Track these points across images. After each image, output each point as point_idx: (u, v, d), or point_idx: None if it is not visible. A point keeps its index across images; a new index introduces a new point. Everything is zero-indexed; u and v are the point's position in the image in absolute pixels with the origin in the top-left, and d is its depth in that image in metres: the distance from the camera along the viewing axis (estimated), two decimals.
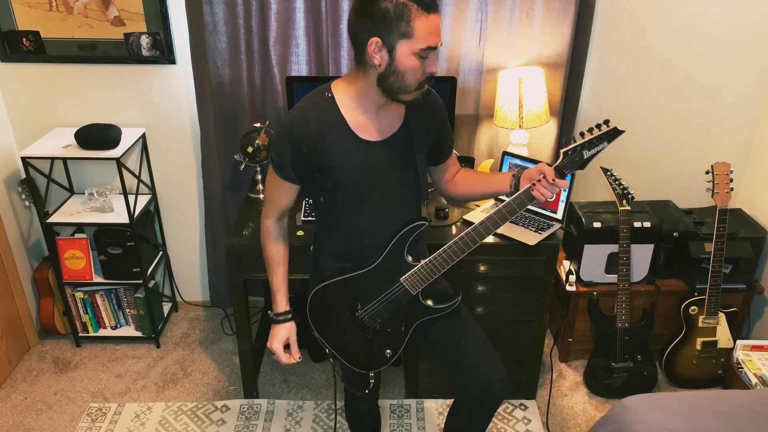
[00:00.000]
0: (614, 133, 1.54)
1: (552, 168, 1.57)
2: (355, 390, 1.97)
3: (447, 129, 1.81)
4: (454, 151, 1.88)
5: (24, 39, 2.60)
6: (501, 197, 2.27)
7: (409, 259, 1.71)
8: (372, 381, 1.94)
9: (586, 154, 1.56)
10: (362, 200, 1.67)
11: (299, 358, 1.79)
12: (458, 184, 1.89)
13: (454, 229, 2.34)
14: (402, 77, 1.51)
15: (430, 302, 1.76)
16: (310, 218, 2.39)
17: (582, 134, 1.56)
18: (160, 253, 3.04)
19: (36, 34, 2.59)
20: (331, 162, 1.61)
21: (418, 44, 1.47)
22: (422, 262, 1.69)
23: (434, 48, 1.50)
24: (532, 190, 1.58)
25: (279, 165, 1.64)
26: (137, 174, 2.82)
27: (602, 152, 1.57)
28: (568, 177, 1.61)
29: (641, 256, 2.62)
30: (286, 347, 1.80)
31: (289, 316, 1.78)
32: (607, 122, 1.55)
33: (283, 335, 1.77)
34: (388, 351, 1.81)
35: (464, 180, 1.88)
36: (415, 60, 1.49)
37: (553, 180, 1.56)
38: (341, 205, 1.68)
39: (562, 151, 1.57)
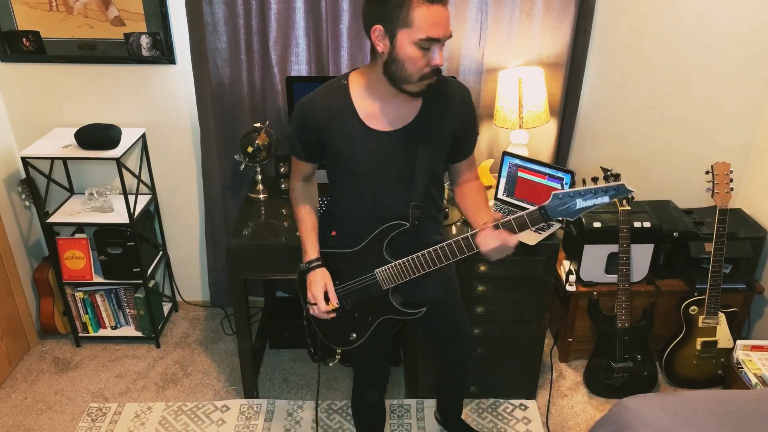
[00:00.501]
0: (618, 191, 1.42)
1: (498, 221, 1.56)
2: (319, 357, 2.00)
3: (468, 131, 1.77)
4: (472, 160, 1.83)
5: (24, 39, 2.60)
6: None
7: (386, 255, 1.74)
8: (338, 357, 1.96)
9: (580, 203, 1.45)
10: (360, 186, 1.71)
11: (337, 303, 1.78)
12: (459, 194, 1.87)
13: (454, 229, 2.34)
14: (402, 67, 1.51)
15: (397, 303, 1.79)
16: None
17: (584, 181, 1.47)
18: (160, 253, 3.04)
19: (36, 34, 2.59)
20: (335, 146, 1.66)
21: (418, 34, 1.46)
22: (397, 261, 1.72)
23: (436, 40, 1.48)
24: (476, 237, 1.59)
25: (291, 145, 1.75)
26: (137, 174, 2.82)
27: (598, 206, 1.45)
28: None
29: (641, 256, 2.62)
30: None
31: (320, 263, 1.79)
32: (617, 176, 1.47)
33: (319, 282, 1.77)
34: (353, 335, 1.86)
35: (464, 195, 1.85)
36: (416, 50, 1.48)
37: (496, 231, 1.55)
38: (343, 186, 1.75)
39: (553, 192, 1.50)
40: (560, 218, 1.46)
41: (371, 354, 1.98)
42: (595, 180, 1.41)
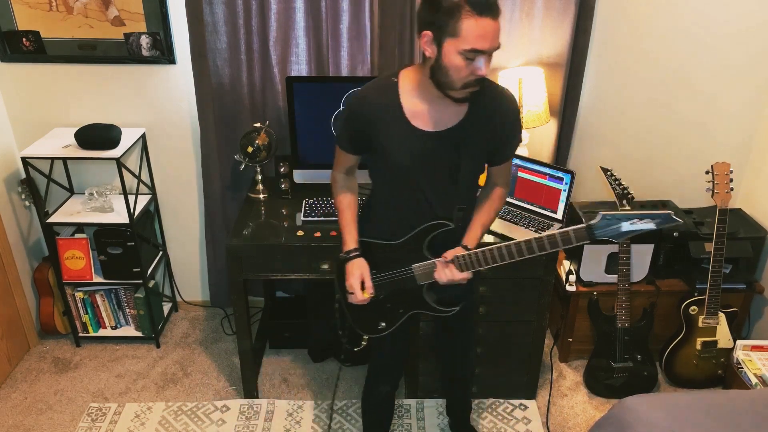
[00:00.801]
0: (665, 220, 1.45)
1: (452, 254, 1.71)
2: (347, 342, 2.04)
3: (510, 138, 1.77)
4: (505, 166, 1.84)
5: (24, 39, 2.60)
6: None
7: (426, 252, 1.79)
8: (364, 343, 2.00)
9: (625, 227, 1.47)
10: (402, 183, 1.75)
11: (373, 292, 1.83)
12: (480, 194, 1.88)
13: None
14: (447, 73, 1.54)
15: (431, 300, 1.85)
16: (309, 218, 2.40)
17: (632, 204, 1.48)
18: (160, 253, 3.04)
19: (36, 34, 2.59)
20: (380, 142, 1.70)
21: (464, 45, 1.48)
22: (435, 260, 1.76)
23: (482, 52, 1.49)
24: (435, 269, 1.74)
25: (338, 136, 1.81)
26: (137, 174, 2.82)
27: (643, 232, 1.46)
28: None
29: (641, 256, 2.62)
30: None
31: (359, 253, 1.83)
32: (666, 203, 1.50)
33: (357, 271, 1.81)
34: (382, 323, 1.90)
35: (480, 199, 1.86)
36: (461, 59, 1.50)
37: (450, 266, 1.70)
38: (385, 181, 1.80)
39: (601, 213, 1.51)
40: (603, 238, 1.49)
41: (390, 347, 2.03)
42: (643, 206, 1.43)
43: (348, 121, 1.74)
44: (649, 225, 1.43)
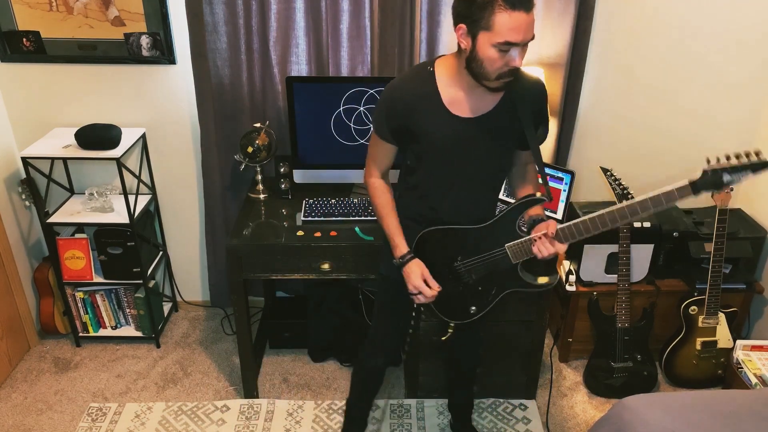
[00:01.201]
0: (762, 165, 1.51)
1: (554, 227, 1.69)
2: (432, 335, 2.04)
3: (542, 119, 1.83)
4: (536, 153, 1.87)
5: (24, 39, 2.60)
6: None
7: (518, 230, 1.79)
8: (450, 331, 2.00)
9: (726, 178, 1.54)
10: (443, 170, 1.77)
11: (439, 287, 1.82)
12: (518, 173, 1.92)
13: None
14: (481, 65, 1.58)
15: (528, 276, 1.85)
16: (309, 218, 2.40)
17: (728, 157, 1.54)
18: (160, 253, 3.04)
19: (36, 34, 2.59)
20: (420, 130, 1.72)
21: (497, 38, 1.52)
22: (531, 235, 1.75)
23: (515, 44, 1.54)
24: (533, 245, 1.72)
25: (375, 125, 1.79)
26: (137, 174, 2.82)
27: (743, 180, 1.54)
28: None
29: (641, 256, 2.62)
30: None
31: (413, 254, 1.83)
32: (758, 153, 1.54)
33: (417, 271, 1.81)
34: (474, 308, 1.91)
35: (521, 174, 1.91)
36: (495, 52, 1.54)
37: (551, 241, 1.69)
38: (425, 170, 1.79)
39: (703, 169, 1.56)
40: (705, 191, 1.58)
41: (394, 322, 2.02)
42: (738, 156, 1.53)
43: (386, 110, 1.75)
44: (747, 173, 1.52)
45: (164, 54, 2.63)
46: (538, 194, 1.79)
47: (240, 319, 2.45)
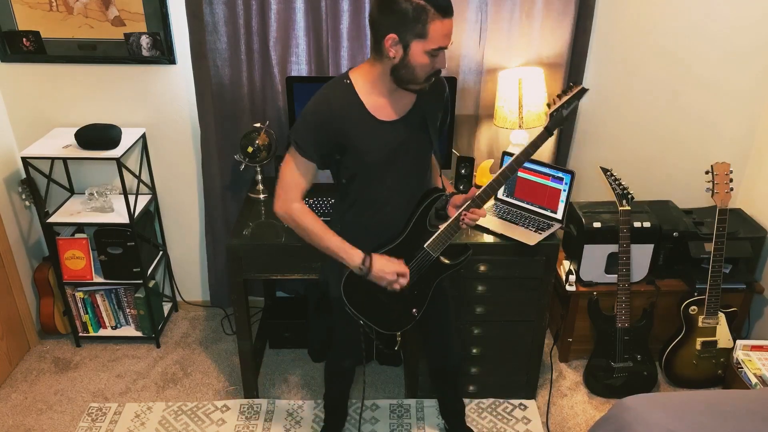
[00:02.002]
0: (581, 93, 1.72)
1: (463, 197, 1.82)
2: (385, 347, 2.10)
3: (447, 113, 1.94)
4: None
5: (24, 39, 2.60)
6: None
7: (430, 228, 1.87)
8: (399, 339, 2.10)
9: (564, 112, 1.74)
10: (381, 175, 1.80)
11: (406, 266, 1.87)
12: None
13: None
14: (413, 71, 1.64)
15: (446, 260, 1.93)
16: None
17: (559, 96, 1.72)
18: (160, 253, 3.04)
19: (36, 34, 2.59)
20: (351, 142, 1.74)
21: (431, 45, 1.59)
22: (441, 227, 1.85)
23: (444, 48, 1.62)
24: (461, 222, 1.82)
25: (301, 146, 1.76)
26: (137, 174, 2.82)
27: (574, 110, 1.73)
28: (567, 178, 1.68)
29: (641, 256, 2.62)
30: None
31: (369, 254, 1.84)
32: (575, 83, 1.72)
33: (384, 261, 1.83)
34: (414, 309, 1.97)
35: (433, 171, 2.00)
36: (426, 58, 1.62)
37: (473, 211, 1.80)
38: (362, 181, 1.81)
39: (547, 113, 1.74)
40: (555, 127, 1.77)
41: (353, 328, 2.04)
42: (565, 92, 1.75)
43: (314, 128, 1.72)
44: (575, 103, 1.73)
45: (164, 54, 2.63)
46: (445, 187, 1.93)
47: (240, 319, 2.45)
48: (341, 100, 1.72)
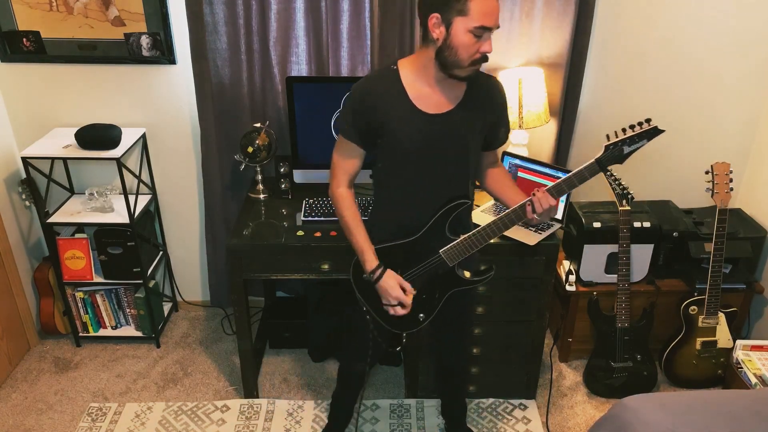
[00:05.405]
0: (654, 132, 1.63)
1: (545, 192, 1.73)
2: (387, 346, 2.06)
3: (503, 119, 1.90)
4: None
5: (24, 39, 2.60)
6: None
7: (449, 233, 1.83)
8: (404, 340, 2.03)
9: (626, 149, 1.66)
10: (413, 167, 1.79)
11: (414, 290, 1.86)
12: (491, 176, 1.99)
13: None
14: (456, 52, 1.62)
15: (467, 274, 1.91)
16: (309, 218, 2.40)
17: (624, 130, 1.64)
18: (160, 253, 3.04)
19: (36, 34, 2.59)
20: (388, 127, 1.74)
21: (473, 22, 1.58)
22: (461, 237, 1.81)
23: (489, 29, 1.60)
24: (527, 205, 1.74)
25: (343, 128, 1.80)
26: (137, 174, 2.82)
27: (641, 149, 1.67)
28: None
29: (641, 256, 2.62)
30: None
31: (383, 266, 1.84)
32: (648, 121, 1.64)
33: (393, 282, 1.83)
34: (422, 315, 1.93)
35: (496, 176, 1.98)
36: (470, 37, 1.60)
37: (543, 193, 1.72)
38: (395, 170, 1.82)
39: (604, 145, 1.67)
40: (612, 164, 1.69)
41: (365, 330, 2.03)
42: (632, 127, 1.65)
43: (353, 110, 1.76)
44: (644, 142, 1.64)
45: (164, 54, 2.63)
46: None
47: (240, 319, 2.45)
48: (384, 85, 1.73)
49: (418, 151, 1.76)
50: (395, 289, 1.82)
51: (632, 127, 1.64)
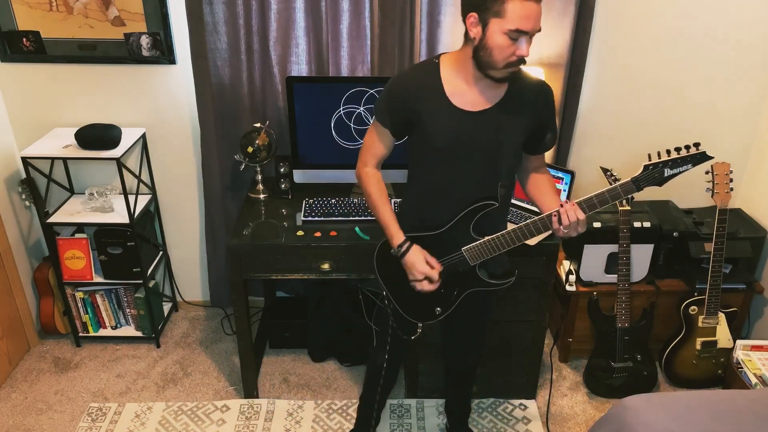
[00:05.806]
0: (701, 158, 1.56)
1: (574, 205, 1.69)
2: (402, 333, 2.05)
3: (548, 125, 1.84)
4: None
5: (24, 39, 2.60)
6: None
7: (473, 233, 1.82)
8: (419, 330, 2.02)
9: (667, 172, 1.60)
10: (444, 163, 1.78)
11: (440, 266, 1.85)
12: (532, 180, 1.94)
13: None
14: (490, 53, 1.61)
15: (486, 276, 1.90)
16: (309, 218, 2.40)
17: (668, 152, 1.58)
18: (160, 253, 3.04)
19: (36, 34, 2.59)
20: (421, 120, 1.74)
21: (509, 25, 1.56)
22: (484, 239, 1.80)
23: (525, 32, 1.58)
24: (554, 215, 1.70)
25: (379, 111, 1.81)
26: (137, 174, 2.82)
27: (684, 173, 1.59)
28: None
29: (641, 256, 2.62)
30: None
31: (410, 241, 1.84)
32: (697, 145, 1.58)
33: (419, 257, 1.83)
34: (438, 309, 1.94)
35: (536, 180, 1.93)
36: (505, 39, 1.58)
37: (572, 205, 1.68)
38: (424, 163, 1.82)
39: (643, 164, 1.62)
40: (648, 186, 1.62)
41: (386, 322, 2.03)
42: (677, 150, 1.57)
43: (388, 98, 1.78)
44: (687, 166, 1.56)
45: (164, 54, 2.63)
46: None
47: (240, 319, 2.45)
48: (422, 78, 1.73)
49: (448, 146, 1.75)
50: (421, 263, 1.82)
51: (678, 149, 1.57)
